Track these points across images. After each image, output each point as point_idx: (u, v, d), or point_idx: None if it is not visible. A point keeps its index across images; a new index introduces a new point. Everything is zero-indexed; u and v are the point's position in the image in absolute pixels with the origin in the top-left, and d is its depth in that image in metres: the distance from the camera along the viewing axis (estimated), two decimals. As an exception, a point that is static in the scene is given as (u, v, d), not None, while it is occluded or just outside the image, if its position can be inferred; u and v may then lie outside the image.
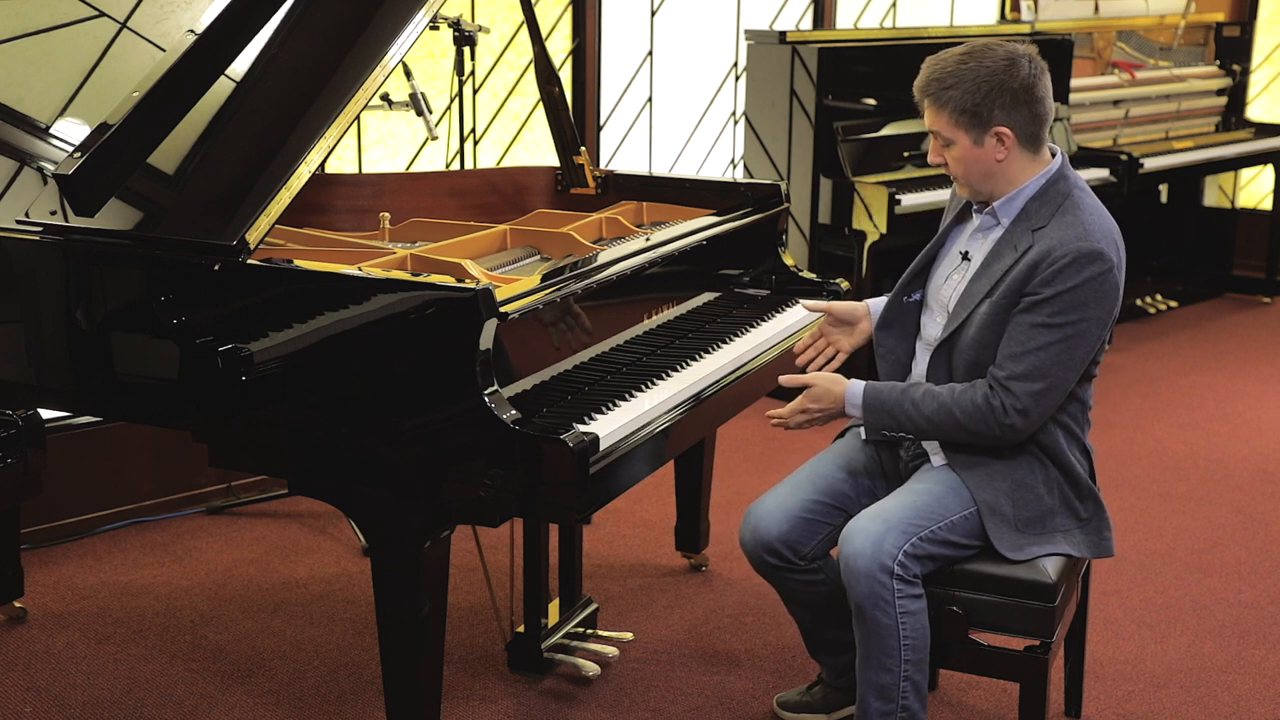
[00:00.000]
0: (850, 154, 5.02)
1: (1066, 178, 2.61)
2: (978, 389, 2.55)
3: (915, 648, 2.54)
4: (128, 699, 3.05)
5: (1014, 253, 2.57)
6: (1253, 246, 7.00)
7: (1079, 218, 2.55)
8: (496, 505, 2.35)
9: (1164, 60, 6.56)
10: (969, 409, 2.54)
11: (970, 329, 2.60)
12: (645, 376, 2.74)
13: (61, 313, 2.69)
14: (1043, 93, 2.57)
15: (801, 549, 2.74)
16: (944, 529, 2.57)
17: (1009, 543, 2.60)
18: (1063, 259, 2.49)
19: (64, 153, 2.79)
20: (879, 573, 2.51)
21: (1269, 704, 3.10)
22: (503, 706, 3.04)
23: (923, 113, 2.63)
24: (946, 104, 2.56)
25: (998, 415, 2.52)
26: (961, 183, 2.65)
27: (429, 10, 2.82)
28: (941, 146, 2.61)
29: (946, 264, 2.74)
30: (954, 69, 2.55)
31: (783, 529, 2.72)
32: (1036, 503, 2.62)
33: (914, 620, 2.54)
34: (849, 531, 2.57)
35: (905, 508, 2.59)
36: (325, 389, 2.45)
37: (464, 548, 3.59)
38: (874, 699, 2.58)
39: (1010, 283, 2.55)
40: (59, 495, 3.74)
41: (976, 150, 2.57)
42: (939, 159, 2.64)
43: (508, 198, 3.57)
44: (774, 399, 3.04)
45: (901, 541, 2.52)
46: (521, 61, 4.84)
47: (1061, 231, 2.53)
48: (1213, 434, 4.91)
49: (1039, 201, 2.59)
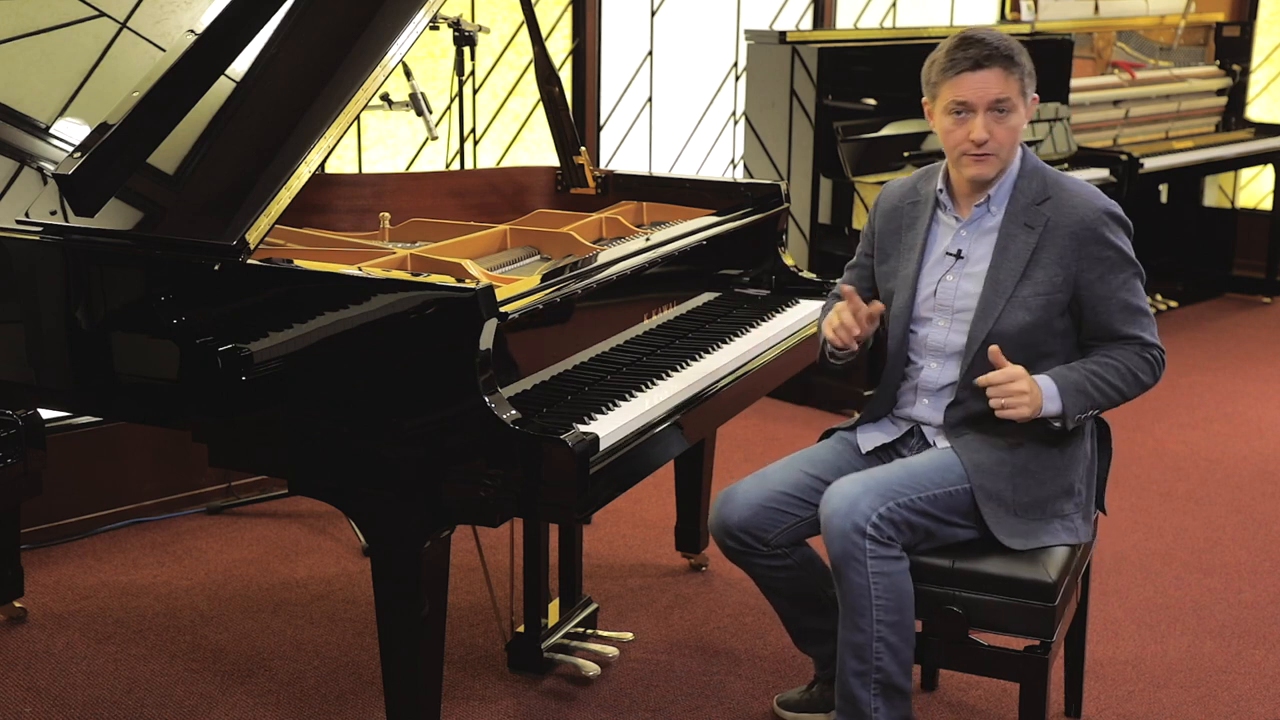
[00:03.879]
0: (850, 154, 5.02)
1: (1027, 152, 2.72)
2: (1135, 350, 2.65)
3: (889, 609, 2.55)
4: (128, 699, 3.05)
5: (1031, 230, 2.63)
6: (1253, 246, 7.01)
7: (1068, 183, 2.69)
8: (496, 505, 2.35)
9: (1164, 60, 6.57)
10: (1144, 367, 2.66)
11: (1018, 313, 2.62)
12: (645, 376, 2.74)
13: (61, 313, 2.69)
14: None
15: (765, 535, 2.73)
16: (925, 500, 2.59)
17: (1007, 529, 2.61)
18: (1099, 220, 2.62)
19: (64, 153, 2.79)
20: (852, 532, 2.53)
21: (1269, 704, 3.10)
22: (503, 706, 3.04)
23: (982, 81, 2.57)
24: (1017, 69, 2.61)
25: (1157, 365, 2.67)
26: (999, 158, 2.64)
27: (429, 10, 2.82)
28: (1002, 116, 2.60)
29: (931, 270, 2.73)
30: (1008, 39, 2.63)
31: (743, 515, 2.72)
32: (1039, 488, 2.64)
33: (887, 580, 2.54)
34: (829, 493, 2.60)
35: (888, 473, 2.62)
36: (325, 389, 2.45)
37: (464, 548, 3.59)
38: (850, 658, 2.60)
39: (1053, 256, 2.62)
40: (59, 495, 3.74)
41: (1026, 117, 2.66)
42: (985, 133, 2.59)
43: (508, 198, 3.57)
44: (774, 399, 3.04)
45: (877, 504, 2.54)
46: (521, 61, 4.84)
47: (1072, 198, 2.65)
48: (1213, 434, 4.91)
49: (1025, 178, 2.68)
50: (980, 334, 2.65)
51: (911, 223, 2.77)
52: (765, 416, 4.96)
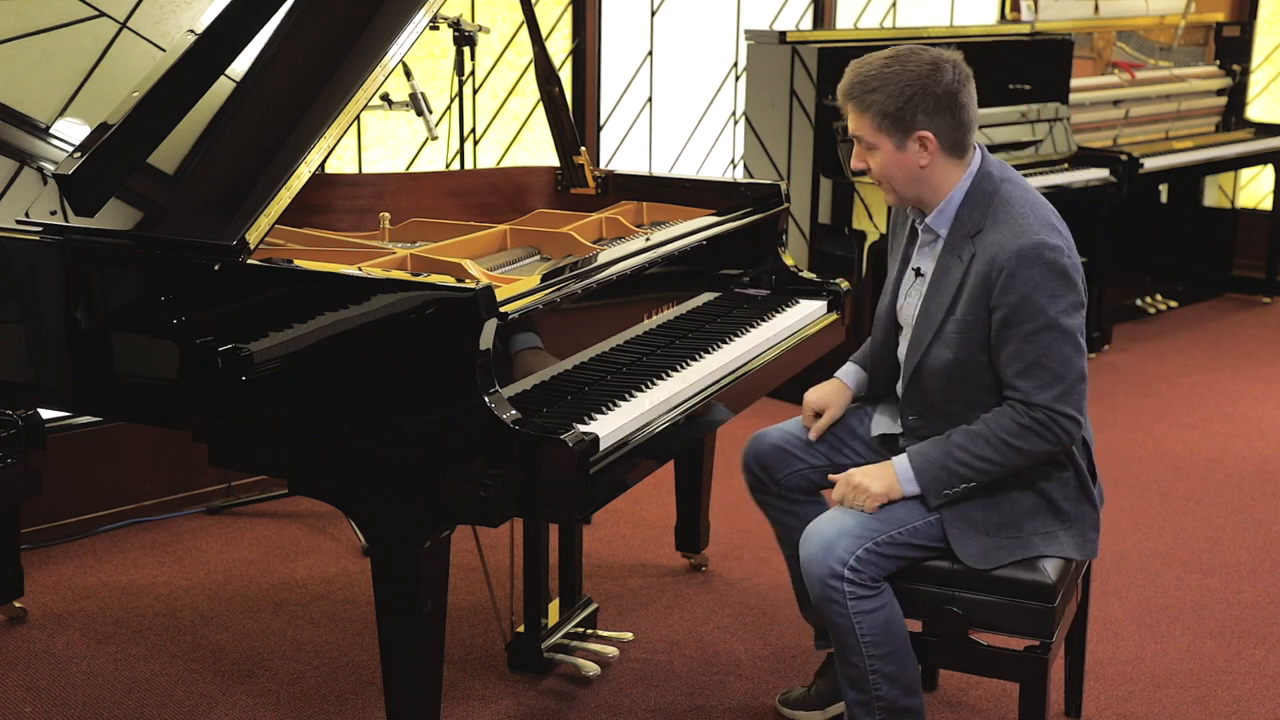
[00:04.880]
0: (850, 154, 5.01)
1: (990, 174, 2.60)
2: (1010, 411, 2.51)
3: (878, 643, 2.54)
4: (128, 699, 3.05)
5: (960, 264, 2.56)
6: (1253, 246, 7.00)
7: (1011, 213, 2.53)
8: (496, 505, 2.35)
9: (1164, 60, 6.56)
10: (1016, 431, 2.49)
11: (943, 350, 2.58)
12: (645, 376, 2.74)
13: (61, 313, 2.69)
14: (966, 99, 2.55)
15: (776, 474, 2.88)
16: (905, 534, 2.57)
17: (973, 549, 2.57)
18: (1009, 263, 2.47)
19: (64, 153, 2.79)
20: (829, 577, 2.51)
21: (1269, 704, 3.10)
22: (503, 706, 3.04)
23: (845, 117, 2.61)
24: (869, 108, 2.55)
25: (1044, 427, 2.49)
26: (886, 190, 2.64)
27: (429, 10, 2.82)
28: (865, 151, 2.61)
29: (906, 283, 2.74)
30: (878, 72, 2.54)
31: (762, 451, 2.90)
32: (1010, 506, 2.59)
33: (870, 619, 2.53)
34: (806, 534, 2.59)
35: (864, 513, 2.59)
36: (325, 389, 2.45)
37: (464, 548, 3.59)
38: (849, 689, 2.61)
39: (968, 298, 2.53)
40: (59, 495, 3.74)
41: (899, 155, 2.56)
42: (861, 164, 2.62)
43: (508, 198, 3.57)
44: (774, 399, 3.05)
45: (854, 546, 2.52)
46: (521, 61, 4.84)
47: (998, 234, 2.51)
48: (1213, 434, 4.91)
49: (969, 207, 2.58)
50: (910, 366, 2.65)
51: (903, 226, 2.79)
52: (765, 416, 4.94)
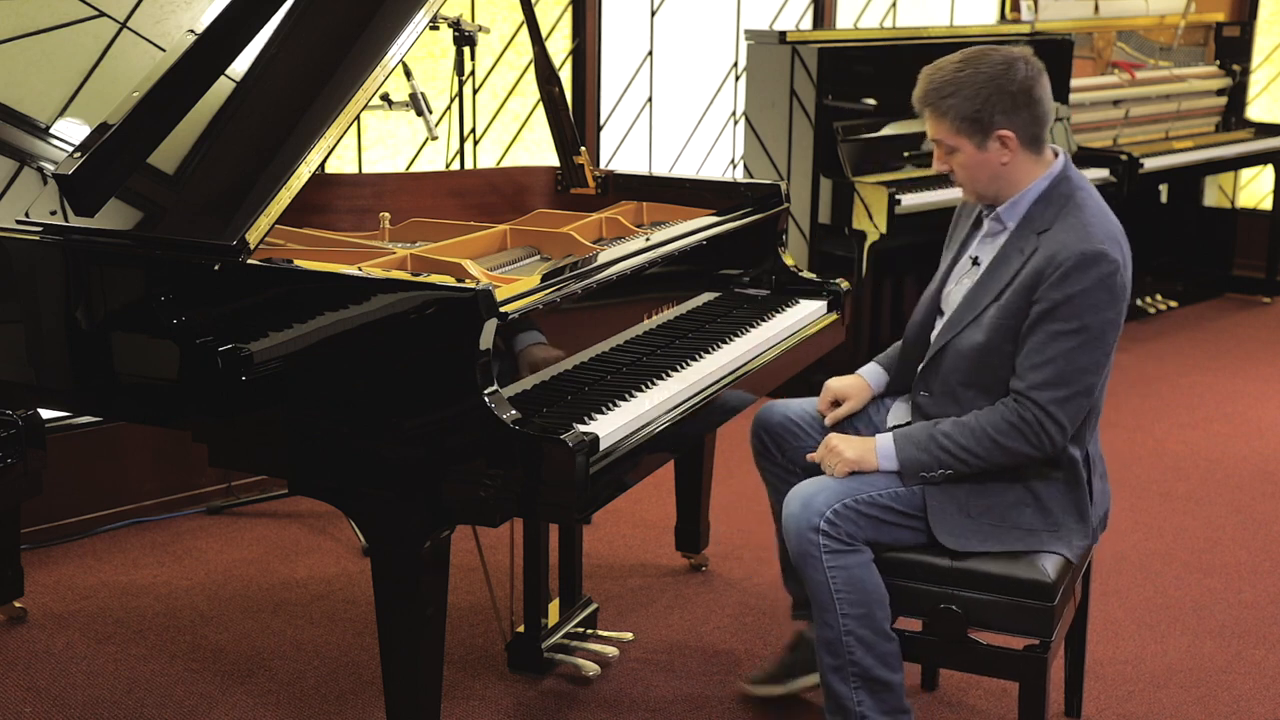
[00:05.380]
0: (850, 154, 5.02)
1: (1069, 178, 2.62)
2: (1002, 407, 2.55)
3: (852, 602, 2.56)
4: (128, 699, 3.05)
5: (1020, 256, 2.58)
6: (1253, 246, 7.00)
7: (1081, 219, 2.55)
8: (496, 505, 2.35)
9: (1164, 60, 6.56)
10: (1002, 427, 2.53)
11: (976, 333, 2.61)
12: (645, 376, 2.74)
13: (61, 313, 2.69)
14: (1041, 93, 2.58)
15: (780, 444, 2.94)
16: (885, 496, 2.60)
17: (951, 527, 2.60)
18: (1067, 262, 2.50)
19: (64, 153, 2.79)
20: (807, 530, 2.55)
21: (1269, 704, 3.10)
22: (503, 706, 3.04)
23: (925, 122, 2.64)
24: (947, 113, 2.58)
25: (1031, 428, 2.52)
26: (968, 189, 2.66)
27: (429, 10, 2.82)
28: (946, 154, 2.63)
29: (959, 270, 2.77)
30: (952, 77, 2.57)
31: (770, 421, 2.96)
32: (997, 495, 2.61)
33: (845, 574, 2.55)
34: (789, 497, 2.63)
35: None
36: (325, 389, 2.45)
37: (464, 548, 3.59)
38: (825, 654, 2.62)
39: (1017, 287, 2.56)
40: (59, 495, 3.74)
41: (981, 155, 2.59)
42: (945, 167, 2.65)
43: (508, 198, 3.57)
44: (774, 399, 3.05)
45: (832, 501, 2.56)
46: (521, 61, 4.84)
47: (1065, 234, 2.54)
48: (1213, 434, 4.91)
49: (1043, 204, 2.61)
50: (942, 342, 2.66)
51: (967, 217, 2.82)
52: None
